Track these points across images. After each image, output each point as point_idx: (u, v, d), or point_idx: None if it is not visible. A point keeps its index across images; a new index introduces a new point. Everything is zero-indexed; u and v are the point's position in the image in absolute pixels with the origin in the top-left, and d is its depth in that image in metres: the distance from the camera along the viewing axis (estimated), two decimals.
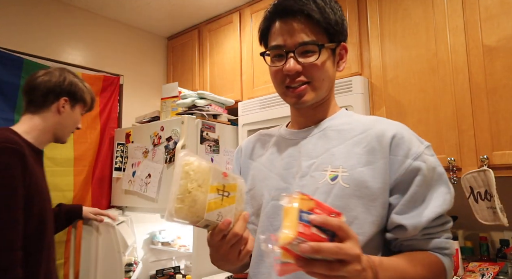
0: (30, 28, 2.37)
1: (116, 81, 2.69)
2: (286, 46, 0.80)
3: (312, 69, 0.80)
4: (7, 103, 2.10)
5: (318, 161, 0.80)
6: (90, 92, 1.50)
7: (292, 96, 0.83)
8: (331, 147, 0.81)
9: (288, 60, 0.80)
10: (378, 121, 0.84)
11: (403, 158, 0.76)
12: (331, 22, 0.81)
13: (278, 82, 0.85)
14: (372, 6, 1.92)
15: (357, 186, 0.75)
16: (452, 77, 1.65)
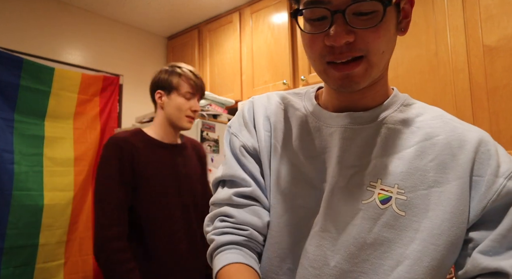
0: (30, 28, 2.37)
1: (116, 81, 2.69)
2: (332, 2, 0.53)
3: (370, 37, 0.53)
4: (7, 103, 2.10)
5: (362, 168, 0.58)
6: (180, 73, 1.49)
7: (338, 77, 0.56)
8: (382, 151, 0.58)
9: (336, 26, 0.53)
10: (451, 123, 0.60)
11: (492, 177, 0.54)
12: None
13: (316, 56, 0.57)
14: None
15: (417, 216, 0.54)
16: (452, 77, 1.65)
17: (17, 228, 1.99)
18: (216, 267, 0.60)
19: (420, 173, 0.56)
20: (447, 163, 0.56)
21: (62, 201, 2.19)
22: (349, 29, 0.53)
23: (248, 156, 0.68)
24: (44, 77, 2.23)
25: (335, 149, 0.60)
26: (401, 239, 0.54)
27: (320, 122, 0.64)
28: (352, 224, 0.56)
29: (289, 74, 2.23)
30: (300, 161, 0.63)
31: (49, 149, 2.21)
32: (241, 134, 0.70)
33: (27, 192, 2.05)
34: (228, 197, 0.65)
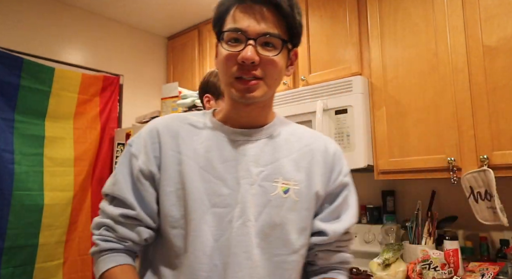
0: (30, 28, 2.37)
1: (116, 81, 2.69)
2: (248, 32, 0.71)
3: (270, 64, 0.73)
4: (7, 103, 2.10)
5: (267, 170, 0.76)
6: None
7: (241, 89, 0.73)
8: (280, 157, 0.78)
9: (247, 48, 0.71)
10: (316, 136, 0.86)
11: (338, 174, 0.83)
12: (296, 22, 0.78)
13: (227, 69, 0.74)
14: (372, 6, 1.92)
15: (306, 199, 0.78)
16: (452, 77, 1.65)
17: (17, 228, 1.99)
18: (102, 268, 0.74)
19: (305, 170, 0.79)
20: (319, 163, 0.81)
21: (62, 201, 2.19)
22: (256, 53, 0.72)
23: (144, 182, 0.77)
24: (44, 77, 2.23)
25: (243, 157, 0.77)
26: (300, 217, 0.77)
27: (228, 137, 0.79)
28: (265, 212, 0.74)
29: None
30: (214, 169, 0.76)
31: (49, 149, 2.21)
32: (140, 157, 0.78)
33: (27, 192, 2.05)
34: (114, 216, 0.76)
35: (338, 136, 1.90)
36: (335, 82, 1.94)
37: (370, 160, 1.85)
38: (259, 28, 0.72)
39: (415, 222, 1.84)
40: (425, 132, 1.71)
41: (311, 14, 2.17)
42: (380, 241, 1.99)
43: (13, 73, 2.13)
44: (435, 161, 1.67)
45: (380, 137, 1.84)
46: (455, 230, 1.84)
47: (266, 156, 0.78)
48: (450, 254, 1.57)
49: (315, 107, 1.94)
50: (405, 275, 1.67)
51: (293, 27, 0.77)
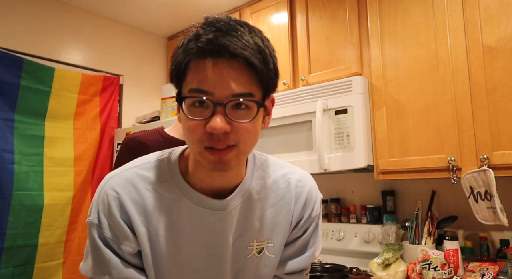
0: (30, 28, 2.37)
1: (116, 81, 2.69)
2: (216, 95, 0.60)
3: (244, 131, 0.63)
4: (7, 103, 2.10)
5: (243, 236, 0.75)
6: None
7: (213, 160, 0.63)
8: (253, 220, 0.75)
9: (216, 116, 0.60)
10: (288, 182, 0.79)
11: (305, 221, 0.81)
12: (271, 73, 0.66)
13: (196, 140, 0.63)
14: (372, 6, 1.92)
15: (279, 253, 0.79)
16: (452, 77, 1.65)
17: (17, 228, 1.99)
18: None
19: (280, 225, 0.77)
20: (291, 212, 0.78)
21: (61, 201, 2.19)
22: (228, 121, 0.61)
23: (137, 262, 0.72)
24: (44, 77, 2.23)
25: (222, 231, 0.72)
26: (272, 270, 0.79)
27: (201, 208, 0.70)
28: (241, 274, 0.76)
29: (289, 74, 2.22)
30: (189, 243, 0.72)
31: (49, 149, 2.21)
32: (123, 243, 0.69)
33: (27, 192, 2.05)
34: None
35: (338, 136, 1.90)
36: (335, 82, 1.94)
37: (370, 160, 1.85)
38: (228, 89, 0.60)
39: (415, 222, 1.84)
40: (425, 132, 1.71)
41: (311, 14, 2.17)
42: (380, 241, 1.99)
43: (13, 73, 2.13)
44: (435, 161, 1.67)
45: (380, 137, 1.84)
46: (455, 230, 1.84)
47: (241, 223, 0.74)
48: (450, 254, 1.57)
49: (315, 107, 1.94)
50: (405, 275, 1.67)
51: (269, 83, 0.65)
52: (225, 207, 0.71)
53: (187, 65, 0.63)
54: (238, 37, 0.61)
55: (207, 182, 0.71)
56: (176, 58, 0.66)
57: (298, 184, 0.80)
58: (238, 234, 0.74)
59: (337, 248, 2.14)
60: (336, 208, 2.28)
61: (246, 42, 0.61)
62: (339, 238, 2.14)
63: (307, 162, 1.98)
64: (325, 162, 1.89)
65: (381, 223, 2.07)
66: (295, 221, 0.79)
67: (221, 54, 0.60)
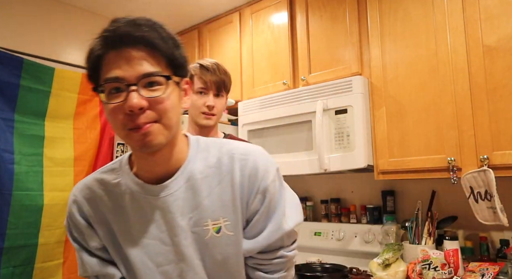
0: (30, 28, 2.37)
1: None
2: (126, 78, 0.66)
3: (160, 104, 0.68)
4: (7, 103, 2.09)
5: (195, 216, 0.75)
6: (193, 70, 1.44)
7: (138, 138, 0.68)
8: (201, 199, 0.76)
9: (130, 95, 0.66)
10: (232, 158, 0.78)
11: (256, 193, 0.77)
12: (175, 54, 0.72)
13: (119, 123, 0.68)
14: (372, 6, 1.92)
15: (239, 229, 0.77)
16: (452, 77, 1.65)
17: (17, 228, 1.99)
18: None
19: (229, 202, 0.76)
20: (238, 189, 0.76)
21: (62, 201, 2.19)
22: (142, 98, 0.66)
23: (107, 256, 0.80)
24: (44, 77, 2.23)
25: (169, 213, 0.75)
26: (238, 248, 0.76)
27: (147, 194, 0.76)
28: (207, 255, 0.76)
29: (289, 74, 2.23)
30: (147, 232, 0.76)
31: (49, 149, 2.21)
32: (89, 240, 0.79)
33: (27, 192, 2.05)
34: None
35: (338, 136, 1.90)
36: (335, 82, 1.94)
37: (370, 160, 1.85)
38: (136, 70, 0.67)
39: (415, 222, 1.84)
40: (425, 132, 1.71)
41: (311, 14, 2.18)
42: (380, 241, 1.99)
43: (13, 73, 2.12)
44: (435, 161, 1.67)
45: (380, 137, 1.84)
46: (455, 230, 1.84)
47: (189, 203, 0.76)
48: (450, 254, 1.57)
49: (315, 107, 1.94)
50: (405, 275, 1.67)
51: (173, 60, 0.72)
52: (166, 190, 0.75)
53: (100, 58, 0.70)
54: (135, 26, 0.68)
55: (148, 170, 0.76)
56: (90, 56, 0.72)
57: (241, 157, 0.78)
58: (191, 216, 0.75)
59: (337, 248, 2.14)
60: (336, 208, 2.28)
61: (145, 28, 0.68)
62: (339, 238, 2.14)
63: (307, 162, 1.98)
64: (325, 162, 1.89)
65: (381, 223, 2.07)
66: (246, 194, 0.76)
67: (124, 42, 0.67)
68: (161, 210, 0.75)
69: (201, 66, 1.39)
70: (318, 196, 2.41)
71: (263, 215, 0.77)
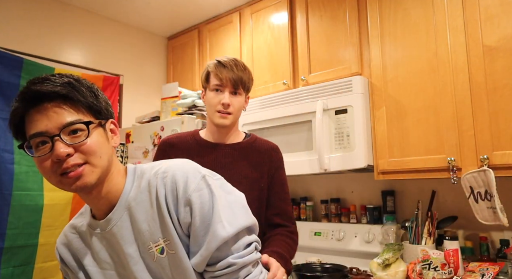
0: (30, 28, 2.37)
1: (116, 81, 2.69)
2: (49, 130, 0.71)
3: (86, 147, 0.73)
4: (7, 103, 2.09)
5: (140, 242, 0.79)
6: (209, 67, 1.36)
7: (71, 182, 0.73)
8: (140, 224, 0.79)
9: (56, 145, 0.71)
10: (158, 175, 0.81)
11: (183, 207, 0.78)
12: (92, 101, 0.76)
13: (50, 172, 0.73)
14: (372, 6, 1.92)
15: (179, 246, 0.78)
16: (452, 77, 1.65)
17: (17, 228, 1.99)
18: None
19: (164, 221, 0.77)
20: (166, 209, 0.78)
21: (61, 201, 2.19)
22: (66, 145, 0.72)
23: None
24: None
25: (117, 243, 0.80)
26: (184, 265, 0.77)
27: (99, 231, 0.82)
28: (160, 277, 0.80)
29: (289, 74, 2.22)
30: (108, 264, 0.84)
31: None
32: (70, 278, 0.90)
33: (27, 192, 2.05)
34: None
35: (338, 136, 1.90)
36: (335, 82, 1.94)
37: (370, 160, 1.85)
38: (57, 122, 0.72)
39: (415, 222, 1.84)
40: (425, 132, 1.71)
41: (311, 14, 2.18)
42: (380, 241, 1.99)
43: (13, 73, 2.12)
44: (435, 161, 1.67)
45: (380, 137, 1.84)
46: (455, 230, 1.84)
47: (131, 231, 0.80)
48: (450, 254, 1.57)
49: (315, 107, 1.94)
50: (405, 275, 1.67)
51: (92, 105, 0.76)
52: (111, 222, 0.80)
53: (23, 117, 0.74)
54: (49, 82, 0.73)
55: (94, 207, 0.83)
56: (14, 117, 0.75)
57: (162, 175, 0.80)
58: (137, 244, 0.80)
59: (337, 248, 2.14)
60: (336, 208, 2.28)
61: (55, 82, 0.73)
62: (339, 238, 2.14)
63: (307, 162, 1.98)
64: (325, 162, 1.89)
65: (381, 223, 2.07)
66: (173, 210, 0.77)
67: (40, 99, 0.72)
68: (110, 242, 0.82)
69: (218, 63, 1.32)
70: (318, 196, 2.41)
71: (198, 227, 0.76)
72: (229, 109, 1.29)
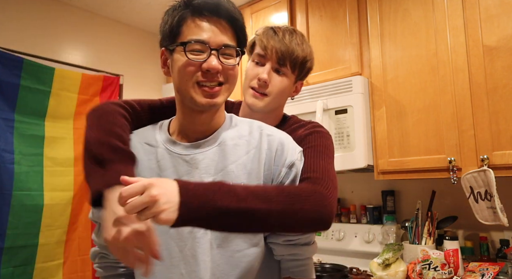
0: (30, 28, 2.37)
1: (116, 81, 2.69)
2: (211, 43, 0.78)
3: (230, 71, 0.81)
4: (7, 103, 2.10)
5: (219, 178, 0.80)
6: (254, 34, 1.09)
7: (205, 95, 0.79)
8: (229, 163, 0.82)
9: (211, 57, 0.77)
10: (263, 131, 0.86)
11: (281, 166, 0.83)
12: (245, 35, 0.85)
13: (189, 75, 0.78)
14: (372, 6, 1.92)
15: None
16: (452, 77, 1.65)
17: (17, 228, 1.99)
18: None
19: (255, 172, 0.81)
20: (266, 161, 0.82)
21: (62, 201, 2.19)
22: (219, 62, 0.78)
23: None
24: (44, 77, 2.23)
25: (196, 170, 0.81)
26: None
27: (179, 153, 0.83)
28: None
29: None
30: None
31: (49, 149, 2.21)
32: None
33: (27, 192, 2.05)
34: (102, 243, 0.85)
35: (338, 136, 1.90)
36: (335, 82, 1.94)
37: (370, 160, 1.85)
38: (219, 39, 0.79)
39: (415, 222, 1.84)
40: (425, 132, 1.71)
41: (311, 14, 2.18)
42: (380, 241, 1.99)
43: (13, 73, 2.12)
44: (435, 161, 1.67)
45: (380, 137, 1.84)
46: (455, 230, 1.84)
47: (216, 165, 0.82)
48: (450, 254, 1.57)
49: (315, 107, 1.94)
50: (405, 275, 1.67)
51: (244, 39, 0.85)
52: (198, 149, 0.83)
53: (183, 20, 0.80)
54: (223, 3, 0.80)
55: (189, 128, 0.85)
56: (173, 17, 0.81)
57: (268, 133, 0.86)
58: (215, 177, 0.81)
59: (337, 248, 2.14)
60: (336, 208, 2.28)
61: (230, 7, 0.81)
62: (339, 238, 2.14)
63: None
64: None
65: (381, 223, 2.07)
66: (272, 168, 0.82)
67: (214, 12, 0.79)
68: (189, 167, 0.82)
69: (268, 29, 1.04)
70: None
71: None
72: (265, 89, 1.00)
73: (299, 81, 1.11)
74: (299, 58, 1.03)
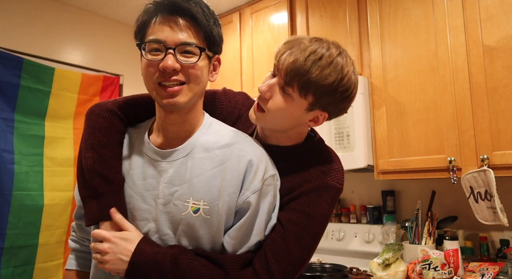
0: (30, 28, 2.37)
1: (116, 81, 2.69)
2: (167, 42, 0.77)
3: (191, 70, 0.79)
4: (7, 103, 2.10)
5: (181, 190, 0.81)
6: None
7: (164, 96, 0.78)
8: (193, 177, 0.81)
9: (167, 56, 0.76)
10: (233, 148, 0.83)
11: (245, 190, 0.81)
12: (213, 32, 0.81)
13: (150, 76, 0.79)
14: (372, 6, 1.92)
15: (216, 216, 0.80)
16: (452, 77, 1.65)
17: (17, 228, 1.99)
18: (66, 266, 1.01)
19: (215, 188, 0.80)
20: (229, 180, 0.80)
21: (62, 201, 2.19)
22: (177, 61, 0.77)
23: None
24: (44, 77, 2.23)
25: (161, 177, 0.82)
26: (210, 232, 0.80)
27: (150, 156, 0.85)
28: (180, 229, 0.80)
29: None
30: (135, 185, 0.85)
31: (49, 149, 2.21)
32: None
33: (27, 192, 2.05)
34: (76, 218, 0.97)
35: (338, 136, 1.90)
36: None
37: (370, 160, 1.85)
38: (176, 38, 0.77)
39: (415, 222, 1.84)
40: (425, 132, 1.71)
41: (311, 14, 2.18)
42: (380, 241, 1.99)
43: (13, 73, 2.12)
44: (435, 161, 1.67)
45: (380, 137, 1.84)
46: (455, 230, 1.84)
47: (181, 176, 0.81)
48: (450, 254, 1.57)
49: None
50: (405, 275, 1.67)
51: (210, 36, 0.81)
52: (167, 157, 0.84)
53: (148, 21, 0.80)
54: (188, 1, 0.79)
55: (164, 128, 0.85)
56: (141, 17, 0.81)
57: (240, 153, 0.83)
58: (178, 189, 0.81)
59: (337, 248, 2.14)
60: (336, 208, 2.28)
61: (193, 4, 0.79)
62: (339, 238, 2.14)
63: None
64: None
65: (381, 223, 2.07)
66: (234, 189, 0.80)
67: (172, 10, 0.78)
68: (155, 170, 0.83)
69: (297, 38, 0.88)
70: None
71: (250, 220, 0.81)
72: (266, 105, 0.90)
73: (318, 110, 0.90)
74: (313, 82, 0.82)
